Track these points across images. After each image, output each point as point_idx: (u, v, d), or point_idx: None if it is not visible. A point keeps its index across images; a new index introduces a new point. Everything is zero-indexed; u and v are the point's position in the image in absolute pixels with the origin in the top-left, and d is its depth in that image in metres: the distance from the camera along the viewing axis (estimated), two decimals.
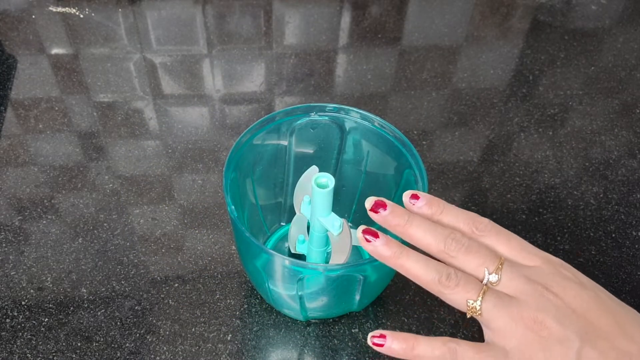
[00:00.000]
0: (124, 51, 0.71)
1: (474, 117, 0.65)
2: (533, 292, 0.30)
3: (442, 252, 0.31)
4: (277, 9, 0.78)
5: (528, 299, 0.29)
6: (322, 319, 0.48)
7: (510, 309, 0.29)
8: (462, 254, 0.31)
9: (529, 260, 0.31)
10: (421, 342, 0.31)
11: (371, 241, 0.32)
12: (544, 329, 0.29)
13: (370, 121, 0.45)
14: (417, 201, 0.33)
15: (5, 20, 0.75)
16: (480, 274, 0.31)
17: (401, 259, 0.32)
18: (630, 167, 0.61)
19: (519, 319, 0.29)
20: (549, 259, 0.32)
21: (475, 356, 0.30)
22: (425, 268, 0.31)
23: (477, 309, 0.30)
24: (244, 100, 0.66)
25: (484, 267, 0.31)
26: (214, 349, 0.46)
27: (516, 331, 0.29)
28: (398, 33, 0.76)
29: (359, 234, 0.33)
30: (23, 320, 0.47)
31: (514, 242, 0.32)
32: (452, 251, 0.31)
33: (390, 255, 0.32)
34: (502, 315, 0.30)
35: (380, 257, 0.32)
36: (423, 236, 0.32)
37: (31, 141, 0.61)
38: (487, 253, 0.31)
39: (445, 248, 0.31)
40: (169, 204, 0.56)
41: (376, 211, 0.33)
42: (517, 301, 0.30)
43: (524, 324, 0.29)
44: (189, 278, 0.50)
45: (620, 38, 0.77)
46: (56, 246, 0.52)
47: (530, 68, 0.72)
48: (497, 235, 0.32)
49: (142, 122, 0.63)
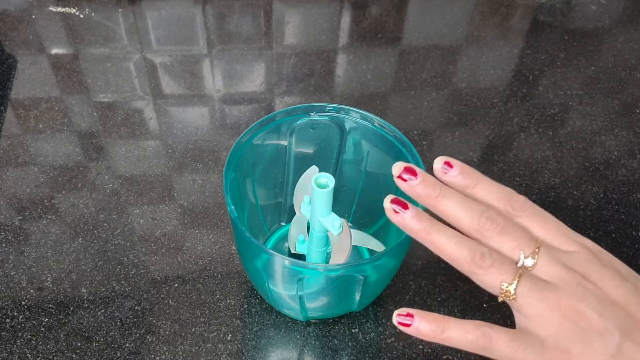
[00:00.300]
0: (124, 51, 0.71)
1: (474, 117, 0.65)
2: (571, 279, 0.28)
3: (475, 230, 0.29)
4: (277, 9, 0.78)
5: (566, 287, 0.28)
6: (322, 319, 0.48)
7: (547, 295, 0.28)
8: (497, 234, 0.29)
9: (566, 245, 0.30)
10: (452, 324, 0.29)
11: (399, 212, 0.29)
12: (584, 319, 0.27)
13: (370, 121, 0.45)
14: (450, 169, 0.31)
15: (5, 20, 0.75)
16: (516, 257, 0.29)
17: (432, 234, 0.29)
18: (630, 167, 0.61)
19: (557, 307, 0.28)
20: (587, 245, 0.30)
21: (511, 343, 0.28)
22: (458, 245, 0.29)
23: (512, 292, 0.28)
24: (244, 100, 0.66)
25: (519, 250, 0.29)
26: (214, 349, 0.46)
27: (553, 319, 0.28)
28: (398, 33, 0.76)
29: (387, 203, 0.30)
30: (23, 320, 0.47)
31: (551, 224, 0.30)
32: (487, 230, 0.29)
33: (421, 229, 0.29)
34: (538, 301, 0.28)
35: (409, 231, 0.30)
36: (455, 211, 0.29)
37: (31, 141, 0.61)
38: (523, 235, 0.29)
39: (480, 226, 0.29)
40: (169, 204, 0.56)
41: (404, 179, 0.30)
42: (554, 288, 0.28)
43: (561, 313, 0.28)
44: (189, 278, 0.50)
45: (620, 38, 0.77)
46: (56, 246, 0.52)
47: (530, 68, 0.72)
48: (533, 216, 0.30)
49: (142, 122, 0.63)
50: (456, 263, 0.29)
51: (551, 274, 0.29)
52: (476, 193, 0.31)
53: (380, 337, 0.47)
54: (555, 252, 0.29)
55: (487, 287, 0.29)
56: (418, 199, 0.30)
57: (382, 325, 0.48)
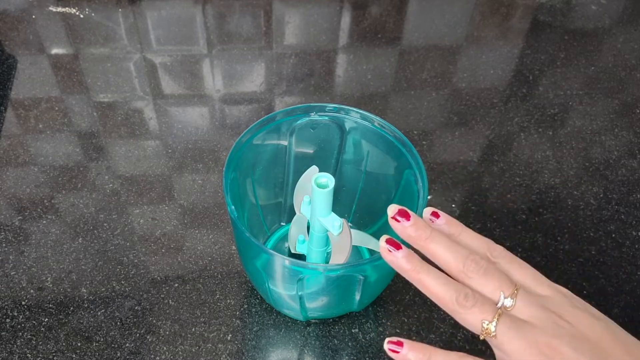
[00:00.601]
0: (124, 51, 0.71)
1: (474, 117, 0.65)
2: (547, 318, 0.30)
3: (460, 271, 0.32)
4: (277, 9, 0.78)
5: (543, 325, 0.30)
6: (322, 319, 0.48)
7: (525, 333, 0.30)
8: (480, 275, 0.31)
9: (541, 289, 0.32)
10: (438, 354, 0.31)
11: (392, 252, 0.32)
12: (559, 354, 0.29)
13: (370, 121, 0.45)
14: (437, 219, 0.34)
15: (5, 20, 0.75)
16: (496, 297, 0.31)
17: (421, 274, 0.32)
18: (630, 167, 0.61)
19: (534, 344, 0.29)
20: (560, 290, 0.32)
21: None
22: (445, 286, 0.31)
23: (492, 330, 0.30)
24: (244, 100, 0.66)
25: (500, 291, 0.31)
26: (214, 349, 0.46)
27: (531, 355, 0.29)
28: (398, 33, 0.76)
29: (382, 243, 0.33)
30: (23, 320, 0.47)
31: (526, 270, 0.33)
32: (471, 272, 0.31)
33: (410, 269, 0.32)
34: (516, 338, 0.30)
35: (400, 270, 0.33)
36: (443, 253, 0.32)
37: (31, 141, 0.61)
38: (503, 277, 0.31)
39: (464, 268, 0.32)
40: (169, 204, 0.56)
41: (398, 220, 0.33)
42: (532, 326, 0.30)
43: (538, 349, 0.29)
44: (189, 278, 0.50)
45: (620, 38, 0.77)
46: (56, 246, 0.52)
47: (530, 68, 0.72)
48: (511, 263, 0.33)
49: (142, 122, 0.63)
50: (441, 302, 0.32)
51: (529, 314, 0.31)
52: (460, 241, 0.34)
53: (380, 337, 0.47)
54: (532, 295, 0.31)
55: (469, 325, 0.31)
56: (409, 240, 0.33)
57: (382, 325, 0.48)
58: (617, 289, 0.50)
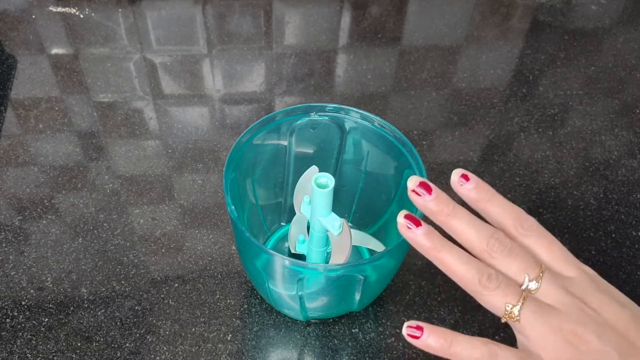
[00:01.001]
0: (124, 51, 0.71)
1: (474, 117, 0.65)
2: (572, 304, 0.29)
3: (483, 250, 0.30)
4: (277, 9, 0.78)
5: (568, 311, 0.29)
6: (322, 319, 0.48)
7: (550, 318, 0.29)
8: (504, 256, 0.30)
9: (568, 270, 0.31)
10: (460, 339, 0.30)
11: (411, 228, 0.30)
12: (584, 342, 0.28)
13: (370, 121, 0.45)
14: (466, 182, 0.31)
15: (5, 20, 0.75)
16: (521, 279, 0.30)
17: (442, 252, 0.30)
18: (630, 167, 0.61)
19: (558, 330, 0.29)
20: (587, 271, 0.31)
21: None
22: (467, 265, 0.30)
23: (516, 314, 0.29)
24: (244, 100, 0.66)
25: (524, 273, 0.30)
26: (214, 349, 0.46)
27: (555, 342, 0.29)
28: (398, 33, 0.76)
29: (400, 219, 0.30)
30: (23, 320, 0.47)
31: (555, 248, 0.31)
32: (494, 252, 0.30)
33: (431, 246, 0.30)
34: (540, 324, 0.29)
35: (419, 247, 0.31)
36: (466, 230, 0.30)
37: (31, 141, 0.61)
38: (528, 258, 0.30)
39: (488, 247, 0.30)
40: (169, 204, 0.56)
41: (419, 194, 0.31)
42: (556, 311, 0.29)
43: (562, 336, 0.28)
44: (189, 278, 0.50)
45: (620, 38, 0.77)
46: (56, 246, 0.52)
47: (530, 68, 0.72)
48: (540, 238, 0.31)
49: (142, 122, 0.63)
50: (463, 282, 0.30)
51: (553, 298, 0.29)
52: (488, 207, 0.31)
53: (380, 337, 0.47)
54: (557, 277, 0.30)
55: (492, 307, 0.30)
56: (430, 215, 0.31)
57: (382, 325, 0.48)
58: (617, 289, 0.50)
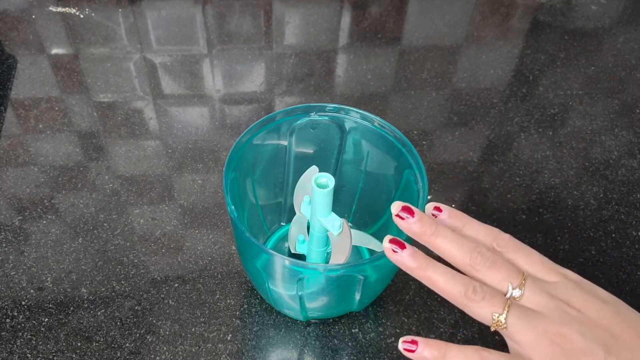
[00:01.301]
0: (124, 51, 0.71)
1: (474, 117, 0.65)
2: (556, 307, 0.30)
3: (467, 265, 0.32)
4: (277, 9, 0.78)
5: (551, 314, 0.30)
6: (322, 319, 0.48)
7: (535, 323, 0.30)
8: (487, 268, 0.32)
9: (549, 276, 0.32)
10: (453, 349, 0.31)
11: (397, 252, 0.32)
12: (568, 342, 0.29)
13: (370, 121, 0.45)
14: (440, 213, 0.34)
15: (5, 20, 0.75)
16: (504, 289, 0.31)
17: (428, 271, 0.32)
18: (630, 167, 0.61)
19: (544, 333, 0.30)
20: (569, 275, 0.32)
21: None
22: (452, 281, 0.31)
23: (503, 322, 0.30)
24: (244, 100, 0.66)
25: (507, 282, 0.31)
26: (214, 349, 0.46)
27: (542, 345, 0.30)
28: (398, 33, 0.76)
29: (386, 244, 0.32)
30: (23, 320, 0.47)
31: (534, 258, 0.33)
32: (477, 265, 0.32)
33: (417, 266, 0.32)
34: (527, 329, 0.30)
35: (406, 268, 0.32)
36: (449, 248, 0.32)
37: (31, 141, 0.61)
38: (510, 268, 0.32)
39: (471, 261, 0.32)
40: (169, 204, 0.56)
41: (402, 217, 0.33)
42: (540, 316, 0.30)
43: (549, 338, 0.30)
44: (189, 278, 0.50)
45: (620, 38, 0.77)
46: (56, 246, 0.52)
47: (530, 68, 0.72)
48: (517, 251, 0.33)
49: (142, 122, 0.63)
50: (450, 297, 0.32)
51: (537, 303, 0.31)
52: (464, 232, 0.34)
53: (380, 337, 0.47)
54: (540, 283, 0.32)
55: (480, 318, 0.31)
56: (415, 236, 0.33)
57: (382, 325, 0.48)
58: (617, 289, 0.50)
